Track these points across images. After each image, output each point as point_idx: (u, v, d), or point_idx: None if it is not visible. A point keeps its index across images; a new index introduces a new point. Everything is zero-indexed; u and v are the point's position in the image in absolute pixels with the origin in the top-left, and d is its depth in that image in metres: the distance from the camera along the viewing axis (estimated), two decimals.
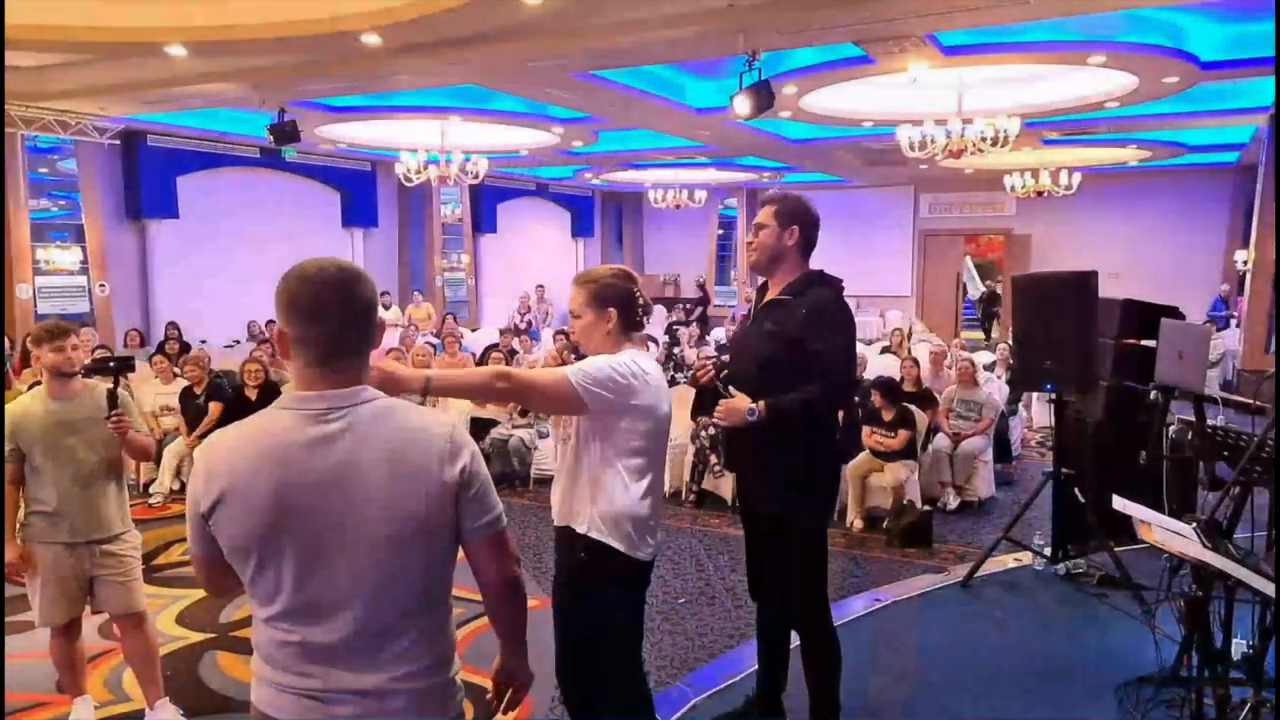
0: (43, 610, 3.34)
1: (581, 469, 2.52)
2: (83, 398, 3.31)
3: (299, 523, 1.52)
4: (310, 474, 1.52)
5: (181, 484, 7.09)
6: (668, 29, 6.86)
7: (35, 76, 9.23)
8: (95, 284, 11.23)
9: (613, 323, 2.52)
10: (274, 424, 1.57)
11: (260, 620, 1.60)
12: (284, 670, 1.58)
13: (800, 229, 3.03)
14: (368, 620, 1.56)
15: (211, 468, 1.56)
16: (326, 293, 1.55)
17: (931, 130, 9.28)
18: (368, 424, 1.56)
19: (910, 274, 18.77)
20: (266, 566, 1.55)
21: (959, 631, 4.50)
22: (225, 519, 1.54)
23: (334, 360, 1.57)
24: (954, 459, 6.85)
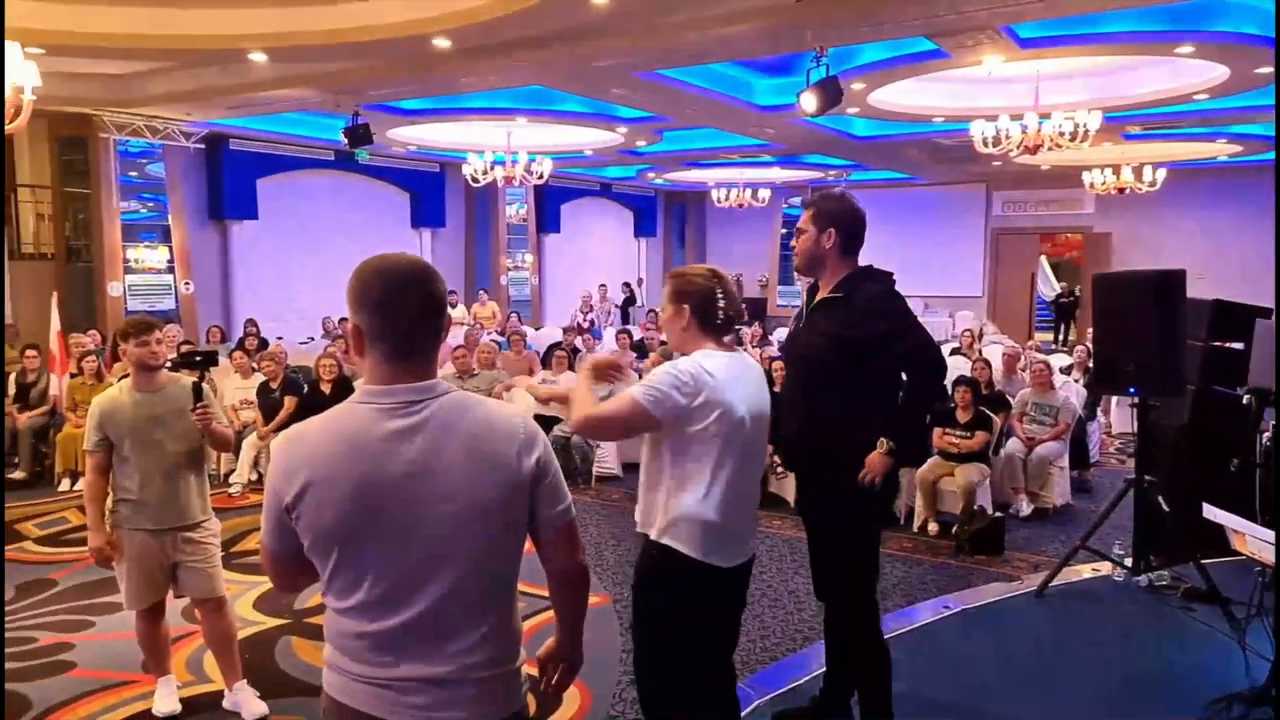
0: (129, 593, 3.48)
1: (653, 474, 2.50)
2: (167, 390, 3.43)
3: (381, 514, 1.53)
4: (392, 466, 1.53)
5: (259, 475, 7.33)
6: (734, 26, 6.83)
7: (126, 84, 9.64)
8: (180, 282, 11.67)
9: (686, 320, 2.51)
10: (354, 417, 1.57)
11: (335, 611, 1.62)
12: (357, 660, 1.59)
13: (838, 230, 3.00)
14: (443, 610, 1.57)
15: (294, 461, 1.56)
16: (402, 287, 1.57)
17: (1006, 125, 9.05)
18: (446, 416, 1.57)
19: (981, 274, 18.33)
20: (347, 559, 1.56)
21: (1032, 642, 4.37)
22: (309, 511, 1.54)
23: (409, 354, 1.58)
24: (1027, 464, 6.66)
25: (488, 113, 10.81)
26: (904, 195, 17.22)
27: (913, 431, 2.99)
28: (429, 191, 15.38)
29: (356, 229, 14.02)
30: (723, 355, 2.48)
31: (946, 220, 18.14)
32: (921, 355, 2.96)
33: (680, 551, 2.44)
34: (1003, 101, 9.40)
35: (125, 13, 7.26)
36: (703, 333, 2.51)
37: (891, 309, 2.96)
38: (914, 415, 3.01)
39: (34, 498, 6.89)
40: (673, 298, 2.54)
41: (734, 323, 2.56)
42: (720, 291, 2.51)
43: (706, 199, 19.37)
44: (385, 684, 1.58)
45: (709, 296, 2.51)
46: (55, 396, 7.63)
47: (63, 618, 4.58)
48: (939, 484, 6.25)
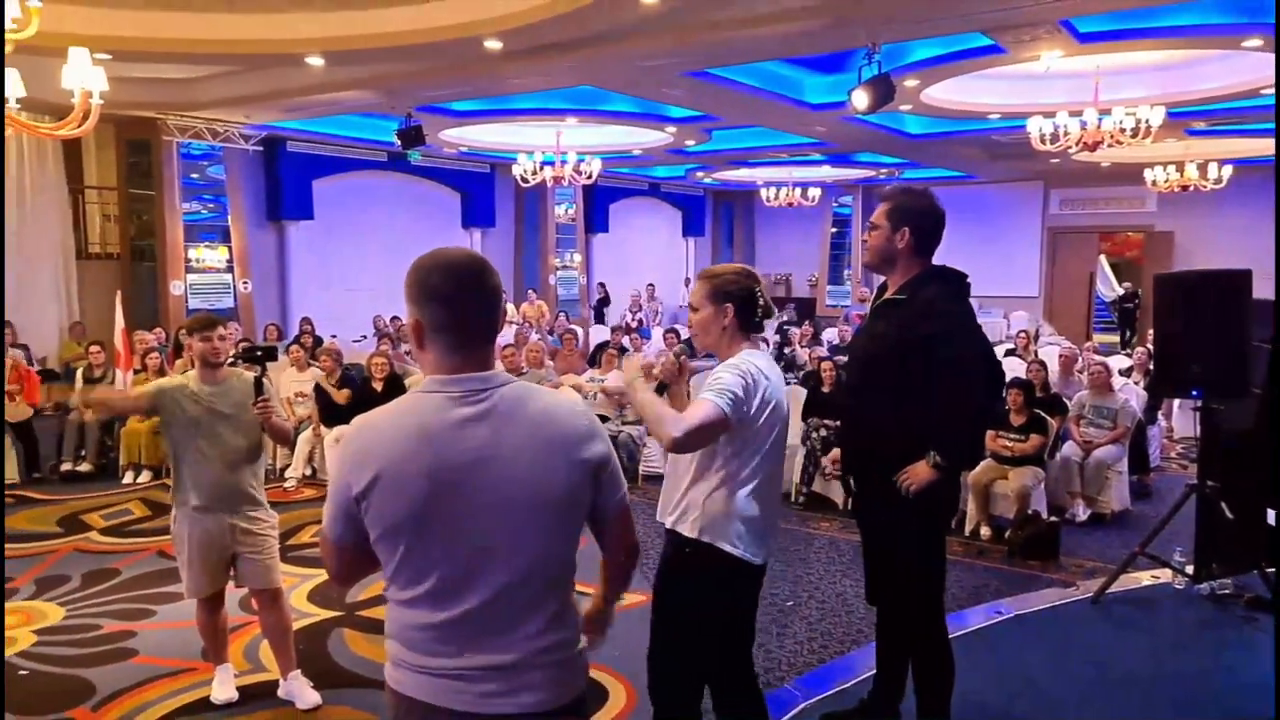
0: (190, 583, 3.58)
1: (698, 470, 2.50)
2: (230, 384, 3.54)
3: (451, 503, 1.55)
4: (461, 454, 1.55)
5: (313, 470, 7.48)
6: (785, 23, 6.79)
7: (188, 88, 9.92)
8: (239, 281, 11.97)
9: (729, 319, 2.51)
10: (422, 406, 1.59)
11: (400, 604, 1.62)
12: (424, 652, 1.60)
13: (912, 230, 2.90)
14: (509, 596, 1.59)
15: (365, 451, 1.56)
16: (463, 278, 1.60)
17: (1065, 122, 8.85)
18: (511, 405, 1.60)
19: (1038, 273, 17.94)
20: (415, 547, 1.56)
21: (1088, 649, 4.27)
22: (380, 501, 1.55)
23: (471, 345, 1.61)
24: (1084, 468, 6.51)
25: (538, 113, 10.90)
26: (957, 193, 16.91)
27: (959, 443, 2.90)
28: (479, 191, 15.55)
29: (409, 229, 14.24)
30: (762, 354, 2.52)
31: (1001, 219, 17.80)
32: (967, 365, 2.84)
33: (720, 548, 2.45)
34: (1061, 97, 9.19)
35: (188, 18, 7.47)
36: (742, 332, 2.54)
37: (943, 312, 2.86)
38: (956, 426, 2.90)
39: (99, 490, 7.12)
40: (713, 297, 2.53)
41: (764, 323, 2.60)
42: (759, 290, 2.56)
43: (755, 198, 19.27)
44: (454, 674, 1.59)
45: (750, 295, 2.53)
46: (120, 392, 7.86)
47: (125, 606, 4.73)
48: (992, 487, 6.14)
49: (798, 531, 6.20)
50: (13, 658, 4.09)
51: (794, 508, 6.78)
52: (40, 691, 3.77)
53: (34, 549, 5.67)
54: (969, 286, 3.00)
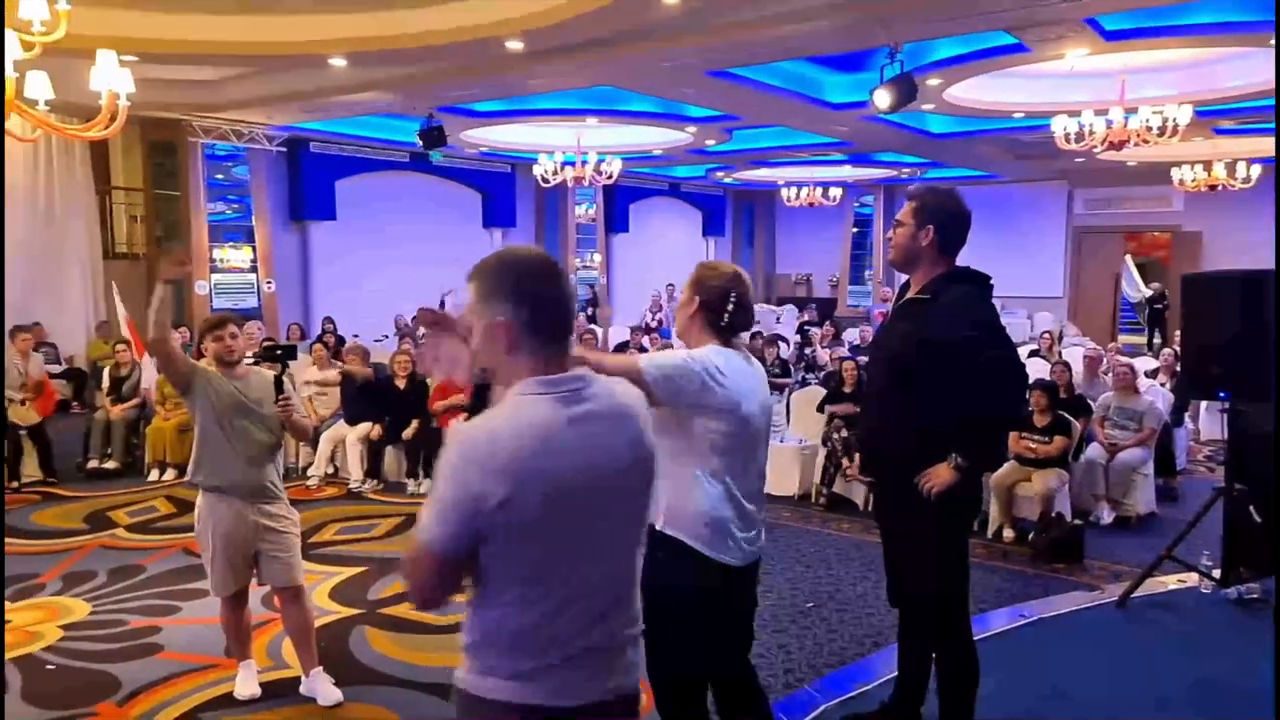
0: (215, 581, 3.62)
1: (666, 461, 2.48)
2: (250, 381, 3.58)
3: (580, 501, 1.55)
4: (581, 453, 1.56)
5: (335, 469, 7.53)
6: (806, 22, 6.77)
7: (213, 89, 10.02)
8: (263, 281, 12.09)
9: (693, 311, 2.52)
10: (536, 410, 1.56)
11: (502, 605, 1.57)
12: (530, 655, 1.58)
13: (937, 229, 2.88)
14: (618, 584, 1.65)
15: (496, 457, 1.50)
16: (550, 278, 1.61)
17: (1090, 120, 8.76)
18: (605, 400, 1.63)
19: (1062, 274, 17.77)
20: (547, 550, 1.55)
21: (1113, 654, 4.22)
22: (519, 508, 1.50)
23: (562, 341, 1.62)
24: (1109, 471, 6.44)
25: (558, 114, 10.92)
26: (981, 193, 16.76)
27: (986, 446, 2.89)
28: (500, 192, 15.61)
29: (430, 229, 14.33)
30: (729, 351, 2.49)
31: (1026, 218, 17.64)
32: (1002, 368, 2.82)
33: (687, 544, 2.43)
34: (1086, 96, 9.10)
35: (213, 21, 7.56)
36: (705, 328, 2.52)
37: (977, 315, 2.83)
38: (988, 430, 2.89)
39: (125, 487, 7.21)
40: (691, 285, 2.56)
41: (738, 330, 2.53)
42: (734, 295, 2.49)
43: (776, 198, 19.22)
44: (564, 667, 1.59)
45: (719, 295, 2.49)
46: (146, 390, 7.96)
47: (151, 602, 4.78)
48: (1015, 489, 6.08)
49: (819, 532, 6.17)
50: (40, 652, 4.14)
51: (815, 509, 6.75)
52: (67, 686, 3.82)
53: (61, 545, 5.75)
54: (993, 288, 2.97)
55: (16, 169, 10.33)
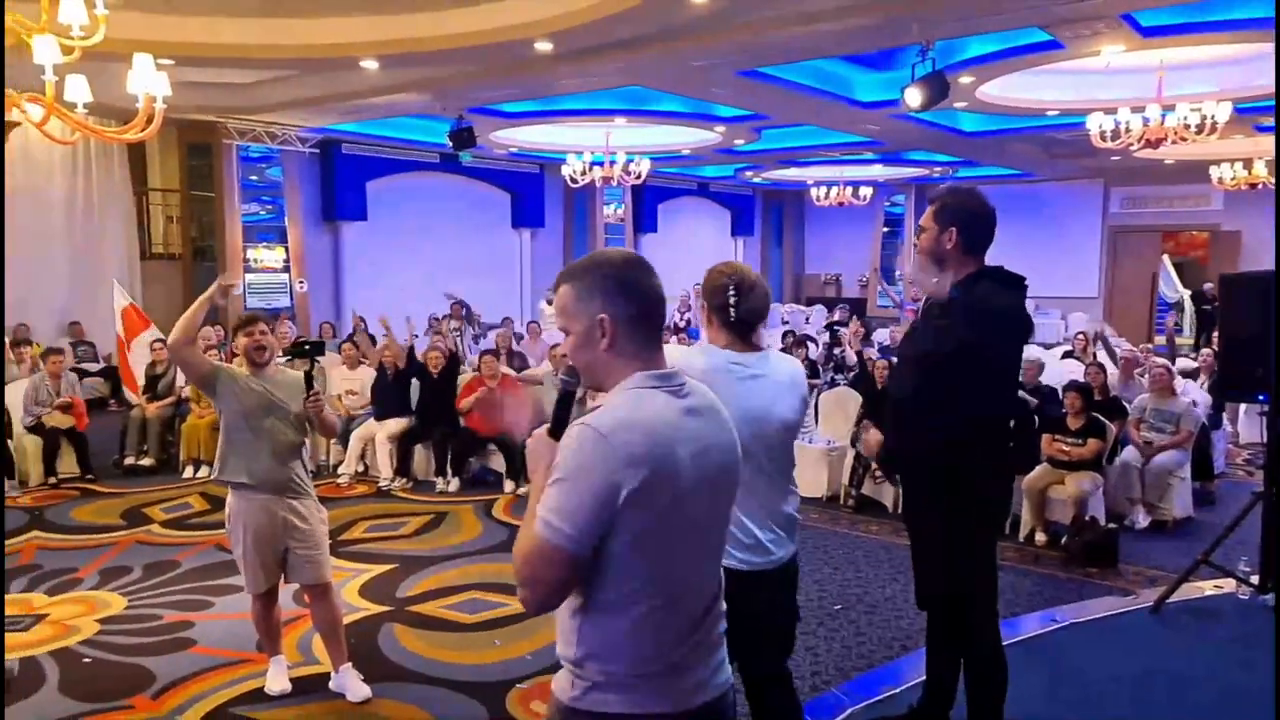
0: (247, 578, 3.68)
1: None
2: (277, 379, 3.65)
3: (695, 494, 1.56)
4: (698, 445, 1.57)
5: (365, 467, 7.60)
6: (837, 21, 6.72)
7: (247, 92, 10.16)
8: (295, 280, 12.24)
9: (705, 315, 2.59)
10: (653, 402, 1.56)
11: (615, 608, 1.54)
12: (636, 660, 1.56)
13: (960, 230, 2.84)
14: (713, 581, 1.67)
15: (632, 448, 1.49)
16: (650, 273, 1.65)
17: (1127, 118, 8.61)
18: (704, 394, 1.66)
19: (1098, 274, 17.49)
20: (669, 542, 1.54)
21: (1147, 660, 4.15)
22: (649, 499, 1.49)
23: (658, 338, 1.65)
24: (1144, 474, 6.33)
25: (587, 114, 10.94)
26: (1014, 192, 16.59)
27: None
28: (529, 192, 15.68)
29: (459, 229, 14.43)
30: (723, 353, 2.47)
31: (1060, 218, 17.40)
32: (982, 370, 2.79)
33: None
34: (1122, 93, 8.95)
35: (247, 24, 7.67)
36: (720, 329, 2.53)
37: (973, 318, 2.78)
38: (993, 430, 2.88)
39: (161, 484, 7.33)
40: (699, 293, 2.64)
41: (751, 322, 2.51)
42: (732, 286, 2.49)
43: (805, 197, 19.12)
44: (677, 669, 1.58)
45: (721, 291, 2.51)
46: (181, 388, 8.09)
47: (184, 597, 4.85)
48: (1048, 492, 6.00)
49: (847, 534, 6.12)
50: (77, 646, 4.22)
51: (844, 510, 6.70)
52: (103, 678, 3.89)
53: (98, 540, 5.86)
54: (1025, 287, 2.92)
55: (56, 171, 10.55)
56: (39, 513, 6.49)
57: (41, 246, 10.39)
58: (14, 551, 5.63)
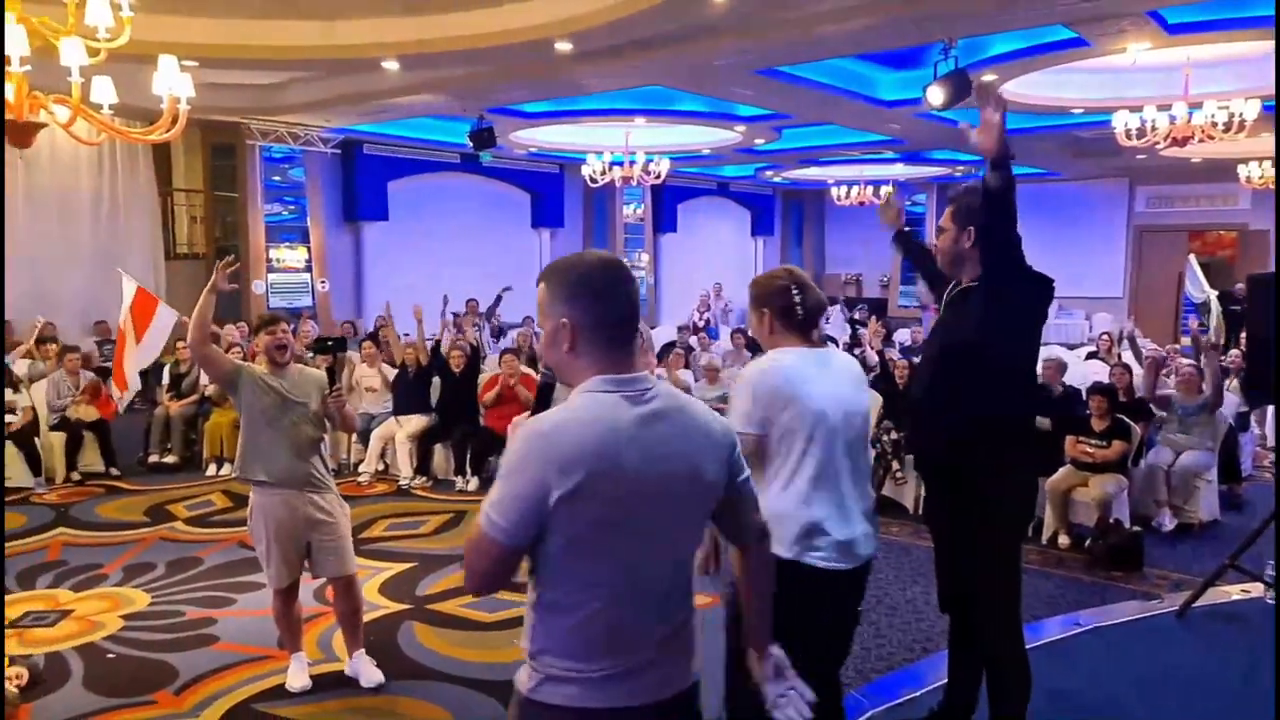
0: (270, 574, 3.72)
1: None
2: (296, 378, 3.71)
3: (644, 500, 1.56)
4: (651, 453, 1.56)
5: (385, 465, 7.64)
6: (858, 20, 6.68)
7: (270, 93, 10.24)
8: (317, 280, 12.32)
9: (769, 323, 2.55)
10: (605, 407, 1.57)
11: (562, 607, 1.58)
12: (587, 658, 1.58)
13: (978, 228, 2.83)
14: (674, 584, 1.67)
15: (565, 452, 1.51)
16: (618, 276, 1.64)
17: (1152, 116, 8.51)
18: (672, 401, 1.64)
19: (1123, 273, 17.29)
20: (608, 546, 1.56)
21: (1171, 665, 4.10)
22: (585, 503, 1.51)
23: (627, 343, 1.64)
24: (1171, 475, 6.25)
25: (607, 114, 10.94)
26: (1039, 191, 16.41)
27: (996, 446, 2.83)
28: (549, 192, 15.70)
29: (479, 229, 14.46)
30: (795, 351, 2.48)
31: (1085, 217, 17.21)
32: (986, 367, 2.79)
33: (785, 558, 2.37)
34: (1148, 91, 8.84)
35: (270, 26, 7.73)
36: (786, 332, 2.53)
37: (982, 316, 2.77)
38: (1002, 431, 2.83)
39: (184, 481, 7.40)
40: (753, 304, 2.59)
41: (815, 317, 2.55)
42: (795, 288, 2.51)
43: (826, 197, 19.01)
44: (617, 672, 1.59)
45: (784, 292, 2.51)
46: (204, 386, 8.17)
47: (207, 594, 4.90)
48: (1072, 494, 5.94)
49: None
50: (101, 641, 4.27)
51: None
52: (126, 674, 3.94)
53: (122, 537, 5.93)
54: (1050, 285, 2.87)
55: (83, 171, 10.67)
56: (65, 509, 6.57)
57: (68, 246, 10.52)
58: (41, 547, 5.71)
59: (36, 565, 5.35)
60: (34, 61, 4.19)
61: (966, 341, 2.81)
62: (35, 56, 4.18)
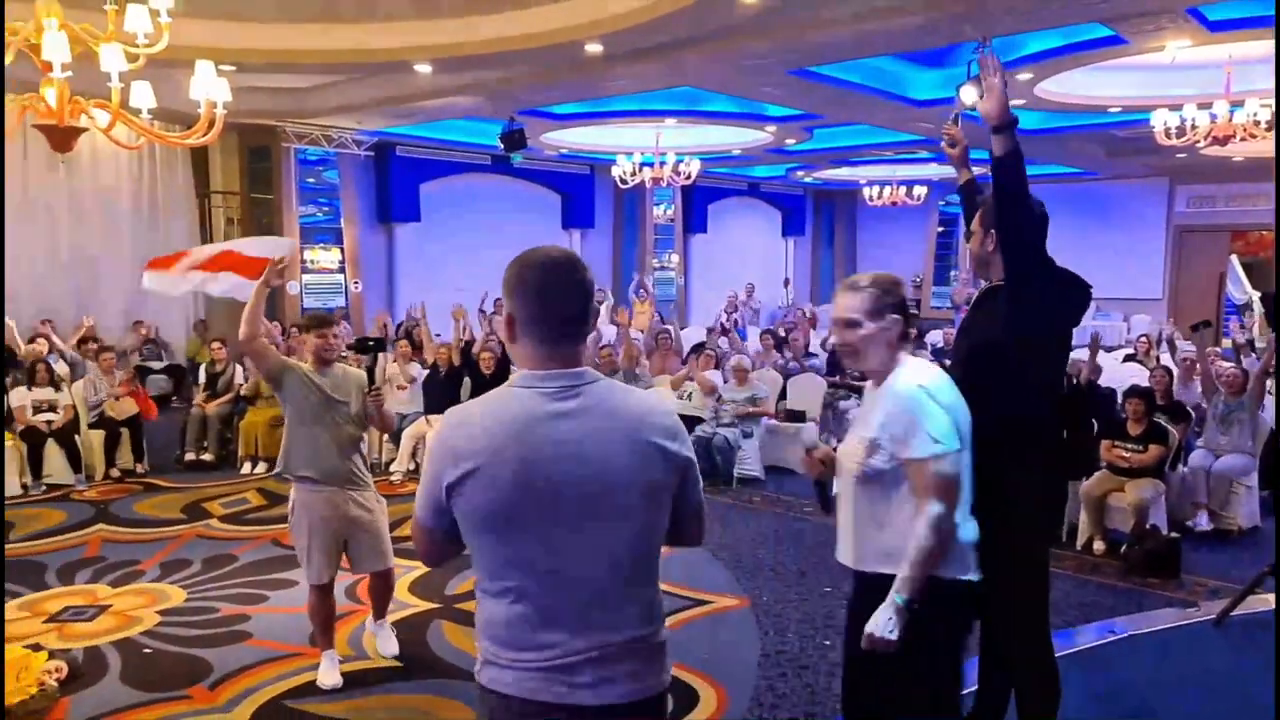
0: (310, 570, 3.82)
1: (893, 503, 2.36)
2: (339, 377, 3.82)
3: (545, 495, 1.58)
4: (554, 448, 1.59)
5: (416, 465, 7.71)
6: (890, 19, 6.63)
7: (305, 97, 10.38)
8: (350, 281, 12.46)
9: (894, 331, 2.37)
10: (516, 401, 1.63)
11: (490, 596, 1.66)
12: (516, 647, 1.63)
13: (994, 217, 2.79)
14: (597, 590, 1.64)
15: (459, 444, 1.61)
16: (557, 275, 1.65)
17: (1193, 114, 8.35)
18: (600, 402, 1.64)
19: (1162, 274, 16.98)
20: (505, 542, 1.61)
21: (1208, 674, 4.01)
22: (470, 494, 1.59)
23: (563, 341, 1.65)
24: (1210, 478, 6.12)
25: (637, 115, 10.95)
26: (1076, 191, 16.16)
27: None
28: (579, 193, 15.75)
29: (511, 230, 14.49)
30: (928, 366, 2.40)
31: (1123, 217, 16.92)
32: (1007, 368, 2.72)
33: (952, 578, 2.35)
34: (1188, 89, 8.68)
35: (305, 30, 7.83)
36: (903, 343, 2.41)
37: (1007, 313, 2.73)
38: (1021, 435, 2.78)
39: (219, 479, 7.52)
40: (875, 309, 2.37)
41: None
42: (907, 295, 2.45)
43: (857, 197, 18.88)
44: (545, 666, 1.62)
45: (905, 303, 2.41)
46: (239, 386, 8.30)
47: (241, 591, 4.97)
48: (1107, 499, 5.84)
49: None
50: (138, 636, 4.35)
51: None
52: (162, 669, 4.01)
53: (160, 534, 6.03)
54: (1083, 290, 2.82)
55: (123, 175, 10.89)
56: (104, 506, 6.71)
57: (110, 247, 10.73)
58: (80, 543, 5.83)
59: (76, 561, 5.46)
60: (75, 67, 4.28)
61: (991, 342, 2.78)
62: (76, 62, 4.27)
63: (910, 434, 2.28)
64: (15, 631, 4.35)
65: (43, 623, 4.49)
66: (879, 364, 2.40)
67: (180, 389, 10.64)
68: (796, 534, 6.02)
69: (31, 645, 4.02)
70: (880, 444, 2.33)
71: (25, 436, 7.12)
